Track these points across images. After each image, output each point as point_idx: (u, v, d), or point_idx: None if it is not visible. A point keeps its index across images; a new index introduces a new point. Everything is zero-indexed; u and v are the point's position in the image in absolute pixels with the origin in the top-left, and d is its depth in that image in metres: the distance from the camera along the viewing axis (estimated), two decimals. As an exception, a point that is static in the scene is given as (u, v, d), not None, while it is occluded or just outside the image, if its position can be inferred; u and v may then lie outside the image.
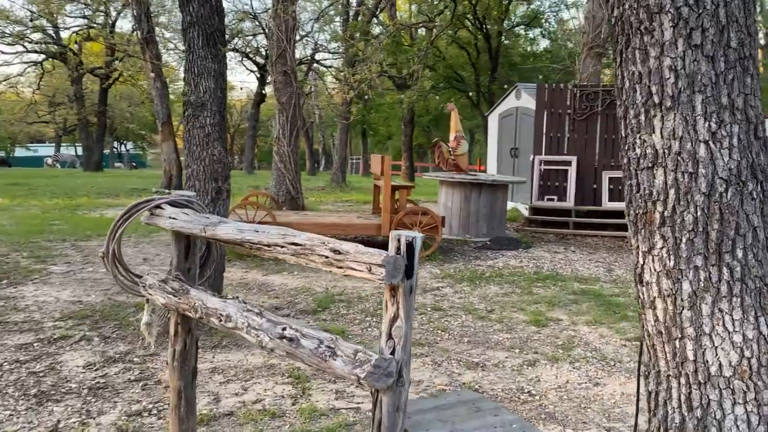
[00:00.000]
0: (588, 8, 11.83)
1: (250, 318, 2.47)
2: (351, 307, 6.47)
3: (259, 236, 2.40)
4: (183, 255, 2.97)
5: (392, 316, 2.16)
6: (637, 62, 2.06)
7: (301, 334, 2.30)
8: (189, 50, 5.96)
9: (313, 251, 2.24)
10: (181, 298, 2.76)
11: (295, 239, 2.29)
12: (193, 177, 5.87)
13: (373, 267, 2.08)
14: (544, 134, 11.40)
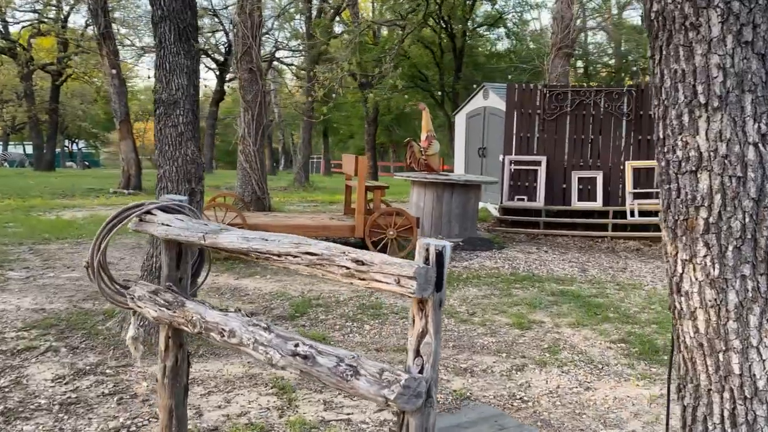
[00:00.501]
0: (556, 9, 11.87)
1: (257, 333, 2.28)
2: (329, 312, 6.28)
3: (268, 245, 2.21)
4: (174, 264, 2.76)
5: (420, 332, 2.01)
6: (681, 60, 1.95)
7: (316, 351, 2.13)
8: (160, 46, 5.69)
9: (332, 262, 2.07)
10: (176, 311, 2.56)
11: (310, 248, 2.12)
12: (165, 178, 5.61)
13: (402, 279, 1.92)
14: (514, 134, 11.38)
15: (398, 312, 6.31)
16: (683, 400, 2.22)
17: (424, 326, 1.98)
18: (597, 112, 11.04)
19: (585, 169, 11.14)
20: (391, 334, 5.70)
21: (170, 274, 2.75)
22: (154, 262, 5.52)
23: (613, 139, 11.04)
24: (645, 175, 10.88)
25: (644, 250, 10.06)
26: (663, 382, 4.80)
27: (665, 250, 2.20)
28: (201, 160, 5.82)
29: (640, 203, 10.64)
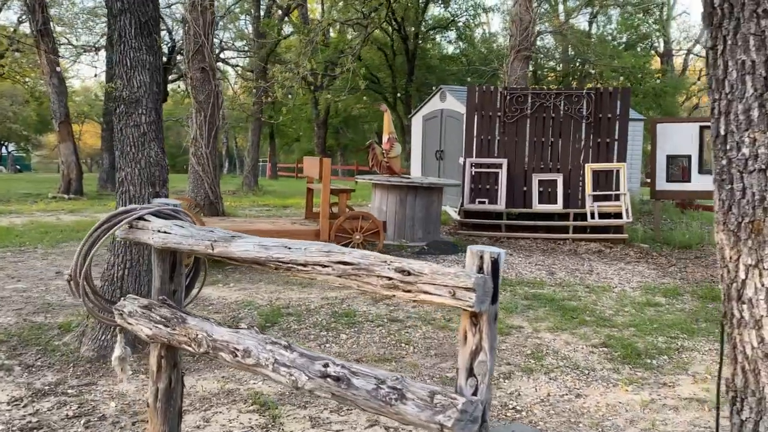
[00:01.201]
0: (515, 11, 11.88)
1: (277, 352, 2.03)
2: (302, 321, 6.01)
3: (291, 254, 1.97)
4: (168, 275, 2.48)
5: (474, 349, 1.80)
6: (750, 50, 1.81)
7: (350, 372, 1.89)
8: (120, 40, 5.33)
9: (371, 272, 1.84)
10: (177, 329, 2.27)
11: (344, 257, 1.88)
12: (126, 181, 5.25)
13: (458, 291, 1.71)
14: (475, 137, 11.30)
15: (373, 320, 6.09)
16: (740, 414, 2.07)
17: (478, 343, 1.78)
18: (557, 115, 11.08)
19: (545, 171, 11.16)
20: (369, 343, 5.47)
21: (163, 286, 2.46)
22: (116, 271, 5.16)
23: (573, 141, 11.10)
24: (604, 177, 10.98)
25: (605, 252, 10.12)
26: (651, 387, 4.73)
27: (722, 254, 2.05)
28: (165, 162, 5.49)
29: (599, 205, 10.71)
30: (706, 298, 7.35)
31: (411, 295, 1.78)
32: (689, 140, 10.97)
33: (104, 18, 21.47)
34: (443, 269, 1.74)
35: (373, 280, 1.84)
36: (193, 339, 2.19)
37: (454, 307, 1.74)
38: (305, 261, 1.94)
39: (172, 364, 2.51)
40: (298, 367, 1.96)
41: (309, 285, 7.35)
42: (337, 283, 1.92)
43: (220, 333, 2.14)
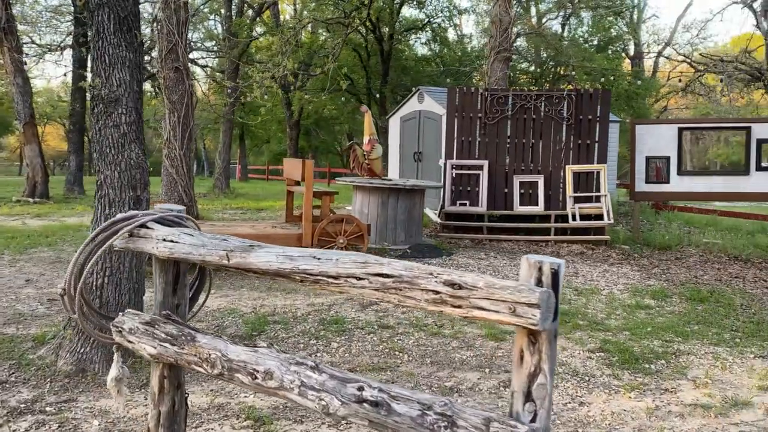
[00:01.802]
0: (494, 12, 11.79)
1: (303, 374, 1.84)
2: (289, 329, 5.80)
3: (322, 265, 1.78)
4: (171, 288, 2.26)
5: (532, 371, 1.63)
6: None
7: (389, 396, 1.71)
8: (98, 36, 5.05)
9: (414, 285, 1.66)
10: (186, 348, 2.06)
11: (382, 268, 1.70)
12: (106, 184, 4.99)
13: (519, 307, 1.54)
14: (456, 138, 11.18)
15: (363, 327, 5.90)
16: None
17: (537, 364, 1.61)
18: (538, 116, 11.02)
19: (526, 173, 11.09)
20: (361, 351, 5.28)
21: (166, 300, 2.25)
22: (94, 279, 4.89)
23: (554, 143, 11.05)
24: (584, 178, 10.94)
25: (588, 253, 10.08)
26: (653, 393, 4.63)
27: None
28: (146, 164, 5.23)
29: (580, 207, 10.67)
30: (693, 299, 7.31)
31: (461, 311, 1.61)
32: (668, 142, 10.99)
33: (69, 16, 20.87)
34: (500, 282, 1.57)
35: (417, 295, 1.66)
36: (205, 359, 1.98)
37: (512, 324, 1.57)
38: (337, 273, 1.75)
39: (176, 385, 2.30)
40: (328, 390, 1.77)
41: (293, 291, 7.13)
42: (375, 297, 1.74)
43: (235, 352, 1.94)
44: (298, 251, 1.82)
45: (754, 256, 10.12)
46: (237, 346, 1.98)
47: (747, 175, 10.71)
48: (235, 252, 1.90)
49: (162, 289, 2.25)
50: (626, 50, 22.89)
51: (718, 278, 8.62)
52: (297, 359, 1.88)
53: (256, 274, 1.93)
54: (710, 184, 10.95)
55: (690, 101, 29.41)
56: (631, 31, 22.05)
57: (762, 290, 7.98)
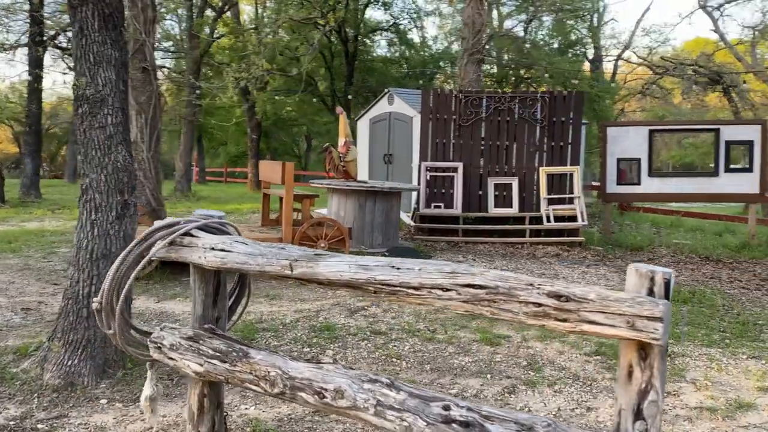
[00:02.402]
0: (467, 14, 11.78)
1: (378, 392, 1.71)
2: (280, 337, 5.62)
3: (401, 275, 1.66)
4: (212, 299, 2.10)
5: (643, 388, 1.54)
6: None
7: (481, 416, 1.60)
8: (81, 34, 4.81)
9: (512, 297, 1.55)
10: (239, 365, 1.91)
11: (474, 279, 1.59)
12: (91, 188, 4.74)
13: (639, 321, 1.45)
14: (430, 140, 11.13)
15: (355, 333, 5.77)
16: None
17: (648, 380, 1.52)
18: (512, 118, 11.05)
19: (501, 175, 11.11)
20: (357, 359, 5.15)
21: (206, 312, 2.10)
22: (81, 288, 4.64)
23: (528, 145, 11.09)
24: (558, 180, 11.01)
25: (564, 255, 10.14)
26: (656, 395, 4.63)
27: None
28: (134, 167, 5.01)
29: (554, 209, 10.74)
30: (677, 301, 7.39)
31: (567, 325, 1.51)
32: (639, 144, 11.16)
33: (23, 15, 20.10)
34: (614, 294, 1.48)
35: (514, 307, 1.55)
36: (263, 378, 1.83)
37: (629, 339, 1.48)
38: (419, 284, 1.63)
39: (216, 404, 2.14)
40: (410, 410, 1.65)
41: (277, 297, 6.95)
42: (461, 310, 1.63)
43: (297, 369, 1.80)
44: (373, 260, 1.70)
45: (724, 257, 10.33)
46: (298, 363, 1.84)
47: (716, 176, 10.94)
48: (299, 261, 1.76)
49: (202, 301, 2.09)
50: (586, 53, 23.28)
51: (695, 279, 8.76)
52: (370, 376, 1.75)
53: (320, 284, 1.80)
54: (680, 186, 11.15)
55: (645, 104, 30.10)
56: (592, 35, 22.43)
57: (739, 290, 8.13)
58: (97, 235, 4.69)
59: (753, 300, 7.66)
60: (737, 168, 10.97)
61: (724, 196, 11.14)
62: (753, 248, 10.77)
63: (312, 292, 7.22)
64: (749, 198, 11.21)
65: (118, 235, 4.76)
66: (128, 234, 4.88)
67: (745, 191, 10.97)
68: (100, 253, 4.67)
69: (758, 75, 18.23)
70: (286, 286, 7.43)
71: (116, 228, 4.77)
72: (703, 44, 25.60)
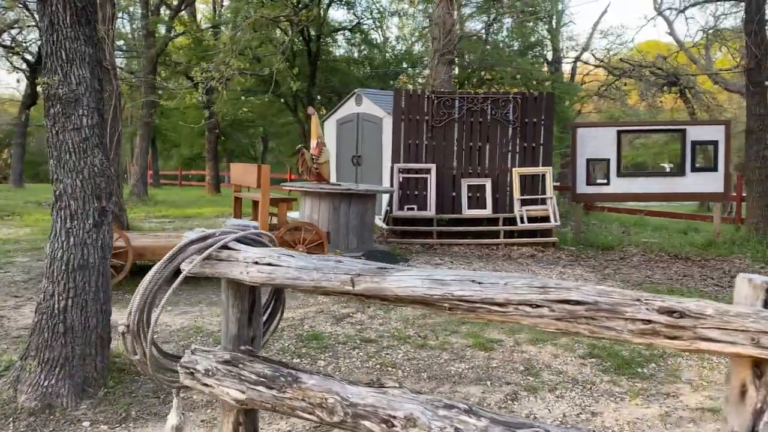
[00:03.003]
0: (437, 14, 11.68)
1: (456, 419, 1.55)
2: (267, 348, 5.37)
3: (484, 291, 1.49)
4: (247, 317, 1.90)
5: (758, 408, 1.40)
6: None
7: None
8: (52, 29, 4.50)
9: (616, 314, 1.40)
10: (288, 392, 1.72)
11: (570, 294, 1.43)
12: (66, 195, 4.44)
13: (764, 337, 1.31)
14: (402, 142, 10.99)
15: (345, 341, 5.58)
16: None
17: (764, 400, 1.39)
18: (484, 119, 10.99)
19: (474, 176, 11.04)
20: (351, 369, 4.96)
21: (241, 332, 1.90)
22: (56, 301, 4.33)
23: (501, 146, 11.05)
24: (530, 181, 11.01)
25: (539, 256, 10.12)
26: (657, 399, 4.57)
27: None
28: (111, 171, 4.71)
29: (527, 209, 10.72)
30: (657, 300, 7.40)
31: (680, 343, 1.36)
32: (608, 144, 11.23)
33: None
34: (734, 308, 1.34)
35: (618, 325, 1.40)
36: (318, 405, 1.64)
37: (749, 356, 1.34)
38: (505, 299, 1.47)
39: None
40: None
41: (257, 304, 6.69)
42: (552, 328, 1.47)
43: (359, 395, 1.61)
44: (450, 274, 1.52)
45: (692, 254, 10.47)
46: (358, 387, 1.65)
47: (683, 175, 11.09)
48: (363, 276, 1.58)
49: (237, 319, 1.88)
50: (545, 56, 23.52)
51: (668, 278, 8.82)
52: (444, 401, 1.58)
53: (386, 301, 1.62)
54: (648, 185, 11.28)
55: (600, 105, 30.60)
56: (551, 37, 22.66)
57: (713, 288, 8.21)
58: (73, 244, 4.39)
59: (728, 298, 7.72)
60: (703, 167, 11.14)
61: (691, 195, 11.30)
62: (719, 246, 10.94)
63: (292, 299, 6.99)
64: (714, 197, 11.41)
65: (95, 244, 4.48)
66: (106, 243, 4.60)
67: (711, 190, 11.16)
68: (77, 264, 4.38)
69: (712, 77, 18.68)
70: (264, 292, 7.18)
71: (94, 237, 4.48)
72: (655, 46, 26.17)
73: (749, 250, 10.56)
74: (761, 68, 10.75)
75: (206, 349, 1.92)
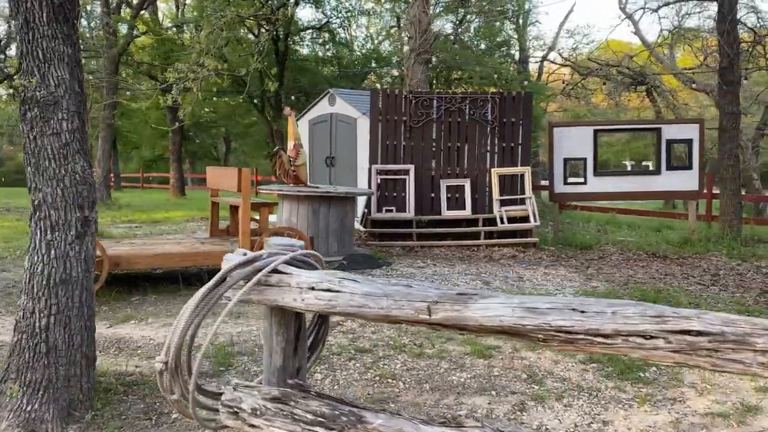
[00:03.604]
0: (413, 13, 11.52)
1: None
2: (258, 361, 5.15)
3: (587, 321, 1.34)
4: (293, 347, 1.70)
5: None
6: None
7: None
8: (27, 27, 4.21)
9: (746, 345, 1.25)
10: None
11: (690, 324, 1.27)
12: (46, 204, 4.16)
13: None
14: (380, 142, 10.80)
15: (339, 352, 5.38)
16: None
17: None
18: (463, 119, 10.88)
19: (453, 177, 10.92)
20: (350, 382, 4.78)
21: (287, 363, 1.71)
22: (37, 319, 4.05)
23: (479, 146, 10.95)
24: (509, 181, 10.94)
25: (520, 256, 10.05)
26: (664, 405, 4.49)
27: None
28: (93, 179, 4.43)
29: (507, 209, 10.64)
30: (645, 300, 7.34)
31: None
32: (585, 143, 11.23)
33: None
34: None
35: (747, 358, 1.25)
36: (390, 452, 1.45)
37: None
38: (614, 331, 1.31)
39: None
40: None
41: (242, 315, 6.45)
42: (669, 361, 1.31)
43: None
44: (546, 301, 1.35)
45: (669, 253, 10.52)
46: (432, 427, 1.47)
47: (658, 174, 11.16)
48: (441, 304, 1.40)
49: (282, 349, 1.68)
50: (513, 55, 23.61)
51: (651, 276, 8.82)
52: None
53: (464, 330, 1.44)
54: (625, 184, 11.32)
55: (565, 104, 30.88)
56: (518, 36, 22.73)
57: (696, 287, 8.23)
58: (54, 257, 4.11)
59: (713, 297, 7.75)
60: (678, 166, 11.22)
61: (666, 193, 11.39)
62: (695, 243, 11.04)
63: (278, 307, 6.76)
64: (689, 195, 11.51)
65: (78, 257, 4.20)
66: (90, 255, 4.32)
67: (686, 188, 11.26)
68: (59, 278, 4.10)
69: (678, 76, 18.95)
70: (247, 302, 6.93)
71: (77, 249, 4.21)
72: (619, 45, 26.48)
73: (725, 247, 10.67)
74: (734, 67, 10.88)
75: (250, 384, 1.72)
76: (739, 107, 11.10)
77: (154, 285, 7.46)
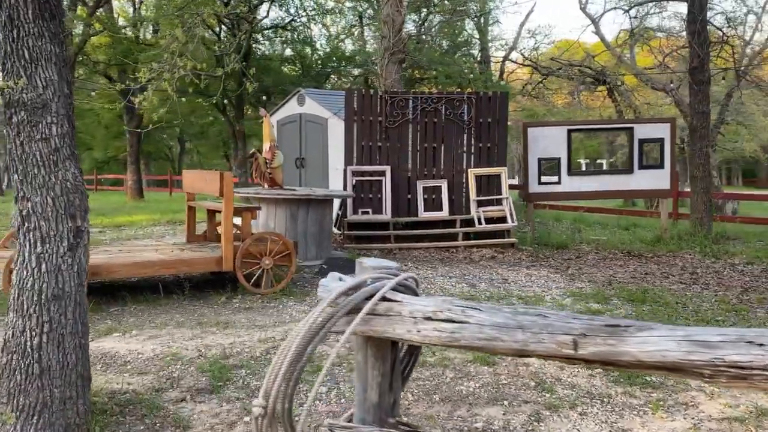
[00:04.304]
0: (386, 12, 11.35)
1: None
2: (257, 374, 4.94)
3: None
4: (388, 381, 1.53)
5: None
6: None
7: None
8: (11, 25, 3.91)
9: None
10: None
11: None
12: (35, 215, 3.88)
13: None
14: (355, 143, 10.62)
15: (339, 363, 5.20)
16: None
17: None
18: (439, 120, 10.77)
19: (430, 178, 10.81)
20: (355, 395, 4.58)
21: (383, 399, 1.55)
22: (28, 338, 3.77)
23: (456, 146, 10.87)
24: (486, 181, 10.88)
25: (499, 257, 10.00)
26: (677, 409, 4.46)
27: None
28: (84, 186, 4.15)
29: (484, 210, 10.59)
30: (634, 301, 7.39)
31: None
32: (558, 143, 11.26)
33: None
34: None
35: None
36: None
37: None
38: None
39: None
40: None
41: (229, 324, 6.20)
42: None
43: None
44: (716, 333, 1.22)
45: (644, 251, 10.63)
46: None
47: (631, 173, 11.27)
48: (590, 337, 1.24)
49: (377, 384, 1.52)
50: (474, 55, 23.67)
51: (632, 276, 8.87)
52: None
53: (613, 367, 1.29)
54: (599, 183, 11.40)
55: (524, 104, 31.15)
56: (480, 36, 22.80)
57: (679, 286, 8.30)
58: (45, 271, 3.83)
59: (697, 296, 7.82)
60: (650, 165, 11.35)
61: (639, 192, 11.51)
62: (667, 242, 11.18)
63: (266, 317, 6.53)
64: (661, 193, 11.67)
65: (71, 270, 3.93)
66: (83, 267, 4.05)
67: (658, 187, 11.41)
68: (51, 293, 3.83)
69: (639, 77, 19.26)
70: (233, 311, 6.68)
71: (69, 261, 3.93)
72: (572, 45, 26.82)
73: (697, 245, 10.83)
74: (704, 67, 11.07)
75: (347, 426, 1.54)
76: (709, 106, 11.29)
77: (132, 294, 7.12)
